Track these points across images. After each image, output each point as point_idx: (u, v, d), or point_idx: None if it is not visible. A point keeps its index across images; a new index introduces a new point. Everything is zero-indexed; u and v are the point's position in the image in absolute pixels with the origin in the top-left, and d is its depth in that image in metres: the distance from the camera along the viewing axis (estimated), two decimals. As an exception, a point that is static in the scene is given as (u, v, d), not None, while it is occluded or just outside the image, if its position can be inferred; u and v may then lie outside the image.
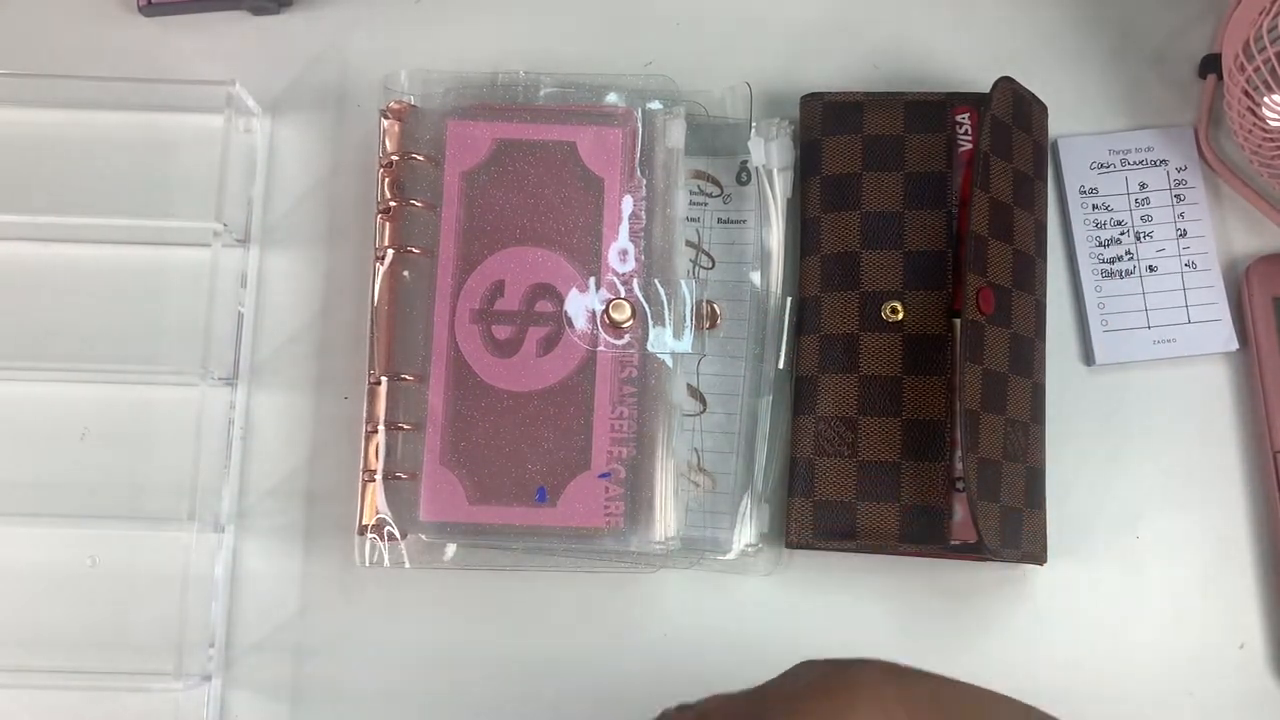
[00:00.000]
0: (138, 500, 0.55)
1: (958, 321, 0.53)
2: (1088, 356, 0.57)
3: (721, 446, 0.55)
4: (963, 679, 0.36)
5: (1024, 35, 0.60)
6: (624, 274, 0.54)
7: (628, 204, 0.54)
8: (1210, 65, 0.58)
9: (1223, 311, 0.56)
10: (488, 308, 0.54)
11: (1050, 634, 0.54)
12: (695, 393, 0.55)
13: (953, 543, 0.52)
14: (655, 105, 0.55)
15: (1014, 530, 0.52)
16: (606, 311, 0.54)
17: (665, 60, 0.60)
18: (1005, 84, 0.55)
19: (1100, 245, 0.58)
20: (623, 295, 0.54)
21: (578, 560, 0.53)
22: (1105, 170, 0.58)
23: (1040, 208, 0.56)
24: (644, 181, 0.55)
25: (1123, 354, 0.56)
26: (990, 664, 0.53)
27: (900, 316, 0.53)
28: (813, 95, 0.57)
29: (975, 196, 0.52)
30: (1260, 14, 0.52)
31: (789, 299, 0.56)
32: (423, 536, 0.53)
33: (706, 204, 0.57)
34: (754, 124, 0.56)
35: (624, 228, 0.54)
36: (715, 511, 0.54)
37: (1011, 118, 0.55)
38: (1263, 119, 0.53)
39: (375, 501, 0.52)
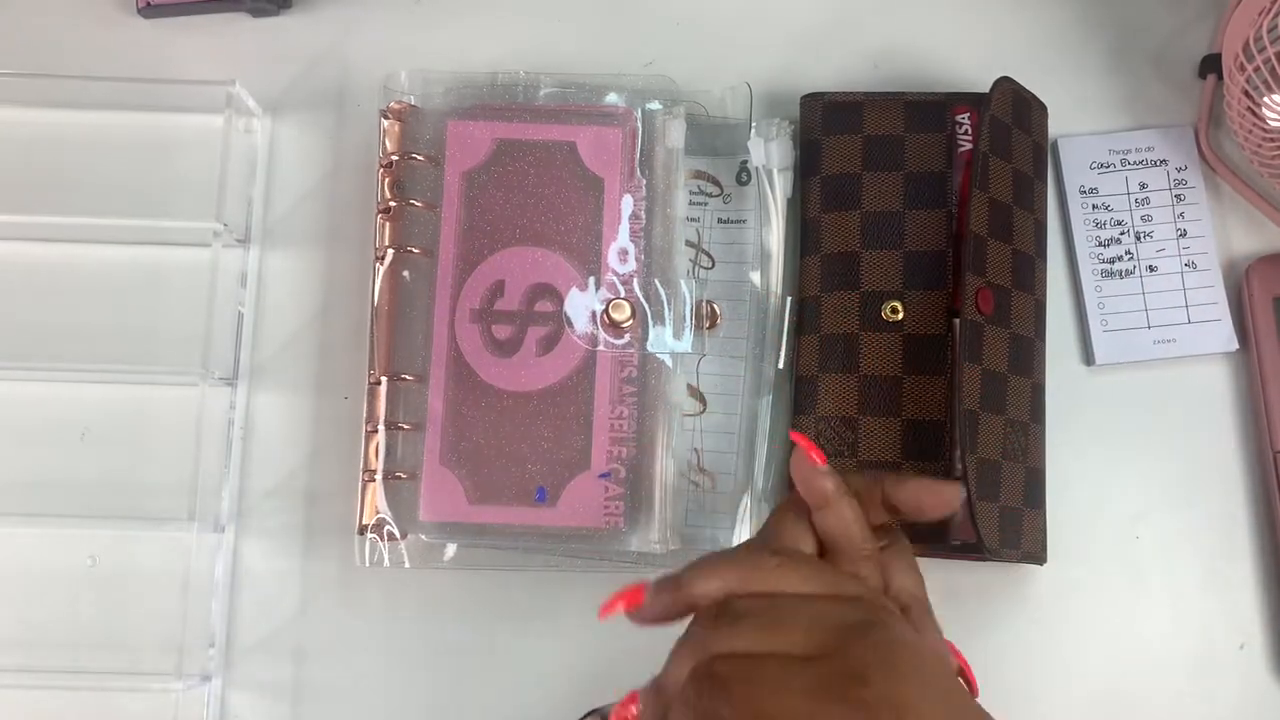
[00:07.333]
0: (138, 500, 0.55)
1: (957, 321, 0.53)
2: (1088, 356, 0.57)
3: (721, 446, 0.55)
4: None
5: (1024, 35, 0.60)
6: (624, 274, 0.54)
7: (628, 204, 0.54)
8: (1210, 65, 0.58)
9: (1223, 311, 0.56)
10: (488, 307, 0.54)
11: (1050, 634, 0.54)
12: (695, 393, 0.55)
13: (953, 543, 0.52)
14: (655, 105, 0.55)
15: (1014, 530, 0.51)
16: (606, 311, 0.53)
17: (665, 60, 0.60)
18: (1005, 84, 0.55)
19: (1100, 245, 0.58)
20: (623, 295, 0.54)
21: (578, 560, 0.53)
22: (1105, 170, 0.58)
23: (1040, 208, 0.56)
24: (644, 181, 0.55)
25: (1123, 354, 0.56)
26: (990, 664, 0.53)
27: (900, 316, 0.53)
28: (813, 95, 0.57)
29: (974, 196, 0.52)
30: (1260, 14, 0.51)
31: (789, 299, 0.56)
32: (423, 536, 0.53)
33: (706, 204, 0.57)
34: (754, 124, 0.56)
35: (624, 228, 0.54)
36: (715, 511, 0.54)
37: (1011, 118, 0.55)
38: (1263, 119, 0.53)
39: (375, 501, 0.52)
